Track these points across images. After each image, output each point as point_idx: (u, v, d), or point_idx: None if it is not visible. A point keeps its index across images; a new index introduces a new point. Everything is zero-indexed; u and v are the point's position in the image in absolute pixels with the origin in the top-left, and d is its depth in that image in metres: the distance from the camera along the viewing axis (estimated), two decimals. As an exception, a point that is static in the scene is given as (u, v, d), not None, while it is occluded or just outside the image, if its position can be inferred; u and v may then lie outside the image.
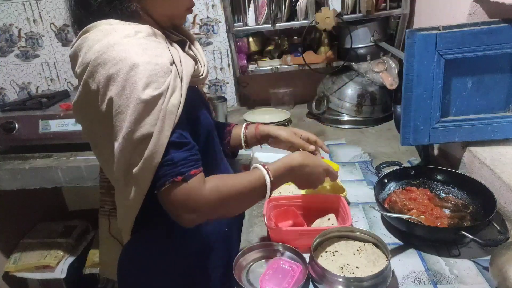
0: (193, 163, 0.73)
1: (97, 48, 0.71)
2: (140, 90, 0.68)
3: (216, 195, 0.74)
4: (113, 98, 0.69)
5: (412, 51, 1.06)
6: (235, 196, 0.78)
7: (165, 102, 0.70)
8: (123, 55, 0.69)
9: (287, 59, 1.79)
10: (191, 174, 0.71)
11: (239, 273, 0.84)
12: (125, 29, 0.74)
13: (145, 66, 0.69)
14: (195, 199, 0.72)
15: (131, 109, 0.68)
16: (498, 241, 0.80)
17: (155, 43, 0.75)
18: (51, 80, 2.11)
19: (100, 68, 0.70)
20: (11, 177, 1.54)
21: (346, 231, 0.88)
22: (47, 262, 1.87)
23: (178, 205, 0.72)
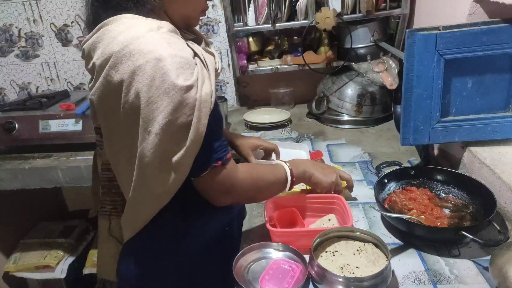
0: (225, 148, 0.79)
1: (121, 40, 0.71)
2: (173, 80, 0.69)
3: (249, 179, 0.85)
4: (141, 89, 0.69)
5: (412, 51, 1.06)
6: (263, 184, 0.89)
7: (198, 91, 0.72)
8: (150, 47, 0.69)
9: (287, 59, 1.79)
10: (227, 158, 0.78)
11: (239, 273, 0.84)
12: (148, 24, 0.74)
13: (172, 58, 0.70)
14: (232, 181, 0.80)
15: (166, 100, 0.69)
16: (498, 241, 0.80)
17: (176, 38, 0.76)
18: (51, 80, 2.11)
19: (125, 60, 0.69)
20: (11, 177, 1.54)
21: (346, 231, 0.88)
22: (47, 262, 1.87)
23: (217, 187, 0.79)
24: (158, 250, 0.89)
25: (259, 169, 0.90)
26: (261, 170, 0.90)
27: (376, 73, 1.63)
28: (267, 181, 0.90)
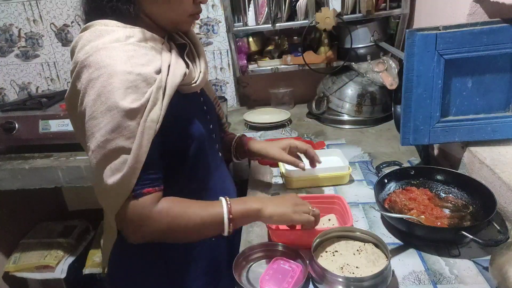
0: (148, 181, 0.73)
1: (87, 49, 0.72)
2: (118, 99, 0.68)
3: (165, 217, 0.74)
4: (87, 103, 0.70)
5: (412, 51, 1.06)
6: (185, 224, 0.76)
7: (143, 116, 0.71)
8: (107, 61, 0.70)
9: (287, 59, 1.79)
10: (143, 192, 0.72)
11: (239, 273, 0.84)
12: (117, 33, 0.74)
13: (125, 76, 0.70)
14: (142, 217, 0.72)
15: (107, 117, 0.69)
16: (498, 241, 0.80)
17: (145, 49, 0.75)
18: (51, 80, 2.11)
19: (85, 70, 0.71)
20: (11, 177, 1.54)
21: (346, 231, 0.88)
22: (47, 262, 1.86)
23: (126, 219, 0.73)
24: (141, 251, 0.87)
25: (184, 207, 0.77)
26: (187, 206, 0.78)
27: (376, 73, 1.63)
28: (192, 219, 0.76)
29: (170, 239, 0.80)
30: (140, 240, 0.75)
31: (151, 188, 0.73)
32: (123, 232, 0.76)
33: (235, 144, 1.12)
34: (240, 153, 1.13)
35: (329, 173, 1.16)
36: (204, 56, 0.92)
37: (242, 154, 1.13)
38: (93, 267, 1.88)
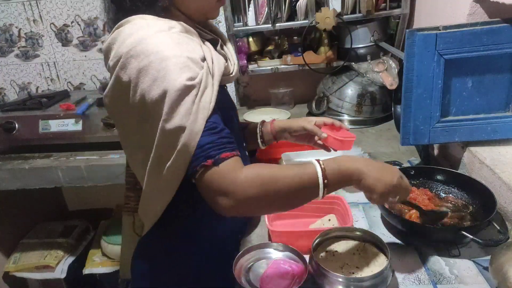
0: (222, 146, 0.70)
1: (130, 41, 0.71)
2: (173, 79, 0.68)
3: (255, 180, 0.68)
4: (145, 90, 0.69)
5: (412, 51, 1.06)
6: (278, 187, 0.69)
7: (198, 95, 0.70)
8: (155, 48, 0.70)
9: (287, 59, 1.79)
10: (221, 157, 0.68)
11: (239, 273, 0.84)
12: (159, 24, 0.74)
13: (177, 58, 0.69)
14: (228, 182, 0.68)
15: (165, 99, 0.68)
16: (498, 241, 0.80)
17: (188, 39, 0.75)
18: (51, 80, 2.11)
19: (132, 60, 0.70)
20: (11, 177, 1.54)
21: (346, 231, 0.88)
22: (47, 262, 1.87)
23: (212, 190, 0.69)
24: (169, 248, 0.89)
25: (274, 169, 0.72)
26: (277, 170, 0.71)
27: (376, 73, 1.63)
28: (285, 183, 0.70)
29: (261, 204, 0.72)
30: (233, 211, 0.70)
31: (228, 152, 0.70)
32: (211, 204, 0.70)
33: (260, 128, 1.11)
34: (266, 138, 1.11)
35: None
36: (233, 49, 0.93)
37: (268, 137, 1.11)
38: (93, 267, 1.88)
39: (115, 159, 1.52)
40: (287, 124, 1.08)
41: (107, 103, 0.80)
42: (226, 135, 0.72)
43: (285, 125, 1.08)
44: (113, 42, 0.75)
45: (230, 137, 0.73)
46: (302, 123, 1.05)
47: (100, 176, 1.51)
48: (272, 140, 1.12)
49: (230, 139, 0.73)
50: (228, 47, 0.92)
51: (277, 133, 1.09)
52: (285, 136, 1.10)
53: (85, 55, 2.04)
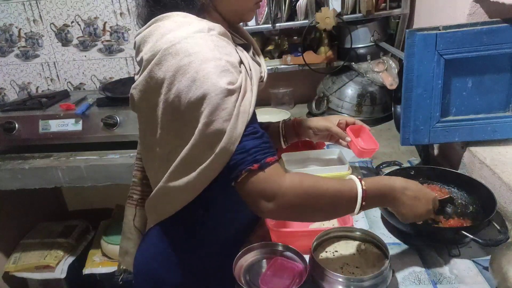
0: (266, 150, 0.71)
1: (170, 38, 0.71)
2: (213, 82, 0.67)
3: (298, 187, 0.70)
4: (182, 90, 0.69)
5: (412, 51, 1.06)
6: (318, 197, 0.72)
7: (238, 100, 0.70)
8: (196, 48, 0.69)
9: (287, 59, 1.79)
10: (267, 162, 0.69)
11: (239, 273, 0.84)
12: (199, 24, 0.74)
13: (217, 61, 0.69)
14: (274, 186, 0.69)
15: (204, 101, 0.68)
16: (498, 241, 0.80)
17: (225, 42, 0.75)
18: (51, 80, 2.11)
19: (170, 58, 0.70)
20: (11, 177, 1.54)
21: (346, 231, 0.88)
22: (47, 262, 1.87)
23: (256, 193, 0.70)
24: (176, 247, 0.89)
25: (316, 179, 0.73)
26: (320, 181, 0.73)
27: (376, 73, 1.63)
28: (324, 192, 0.72)
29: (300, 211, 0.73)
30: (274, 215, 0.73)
31: (272, 157, 0.71)
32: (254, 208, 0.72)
33: (283, 126, 1.11)
34: (288, 136, 1.11)
35: (329, 173, 1.16)
36: (263, 56, 0.92)
37: (290, 136, 1.11)
38: (93, 267, 1.88)
39: (115, 159, 1.52)
40: (312, 124, 1.08)
41: (135, 95, 0.78)
42: (267, 139, 0.73)
43: (309, 124, 1.09)
44: (149, 35, 0.75)
45: (270, 142, 0.73)
46: (327, 124, 1.07)
47: (100, 176, 1.51)
48: (295, 139, 1.12)
49: (271, 144, 0.73)
50: (258, 53, 0.92)
51: (300, 132, 1.10)
52: (308, 135, 1.10)
53: (85, 55, 2.04)
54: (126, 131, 1.53)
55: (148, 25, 0.77)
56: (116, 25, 1.97)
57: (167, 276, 0.91)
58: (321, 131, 1.08)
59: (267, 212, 0.71)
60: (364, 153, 1.07)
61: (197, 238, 0.89)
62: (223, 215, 0.90)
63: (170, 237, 0.90)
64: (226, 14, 0.82)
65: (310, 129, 1.09)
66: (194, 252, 0.90)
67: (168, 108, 0.73)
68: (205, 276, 0.92)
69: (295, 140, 1.13)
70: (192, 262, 0.90)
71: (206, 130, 0.69)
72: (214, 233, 0.90)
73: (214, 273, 0.93)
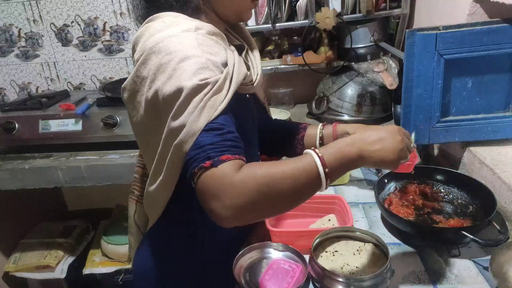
0: (225, 148, 0.65)
1: (156, 37, 0.72)
2: (187, 79, 0.67)
3: (251, 182, 0.62)
4: (159, 86, 0.69)
5: (412, 51, 1.06)
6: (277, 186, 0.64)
7: (208, 94, 0.68)
8: (178, 46, 0.69)
9: (287, 59, 1.78)
10: (220, 159, 0.63)
11: (239, 273, 0.84)
12: (188, 24, 0.74)
13: (196, 59, 0.69)
14: (225, 185, 0.62)
15: (176, 98, 0.68)
16: (498, 241, 0.80)
17: (213, 41, 0.75)
18: (51, 80, 2.11)
19: (153, 56, 0.70)
20: (11, 177, 1.54)
21: (346, 231, 0.88)
22: (47, 262, 1.86)
23: (207, 193, 0.63)
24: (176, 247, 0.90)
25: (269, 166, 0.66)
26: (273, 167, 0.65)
27: (376, 73, 1.62)
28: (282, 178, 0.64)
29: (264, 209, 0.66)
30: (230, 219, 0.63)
31: (230, 155, 0.64)
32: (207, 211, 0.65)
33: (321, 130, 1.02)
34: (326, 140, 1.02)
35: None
36: (259, 58, 0.91)
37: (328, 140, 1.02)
38: (93, 267, 1.88)
39: (115, 159, 1.52)
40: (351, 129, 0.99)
41: (124, 96, 0.79)
42: (232, 138, 0.68)
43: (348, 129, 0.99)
44: (140, 36, 0.76)
45: (236, 141, 0.68)
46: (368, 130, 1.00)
47: (100, 176, 1.51)
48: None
49: (235, 143, 0.68)
50: (254, 55, 0.91)
51: (338, 137, 1.01)
52: None
53: (85, 55, 2.04)
54: (126, 131, 1.53)
55: (141, 26, 0.78)
56: (116, 25, 1.97)
57: (167, 276, 0.91)
58: None
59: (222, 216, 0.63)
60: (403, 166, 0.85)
61: (197, 238, 0.89)
62: None
63: (170, 238, 0.90)
64: (223, 14, 0.82)
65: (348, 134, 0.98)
66: (193, 252, 0.90)
67: (149, 106, 0.73)
68: (205, 276, 0.92)
69: None
70: (192, 262, 0.90)
71: (170, 124, 0.68)
72: (214, 233, 0.90)
73: (214, 273, 0.93)
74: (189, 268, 0.91)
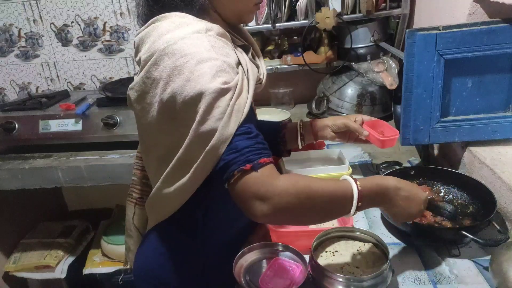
0: (260, 151, 0.69)
1: (167, 38, 0.71)
2: (208, 82, 0.67)
3: (292, 188, 0.67)
4: (177, 90, 0.69)
5: (412, 51, 1.06)
6: (314, 198, 0.69)
7: (233, 99, 0.69)
8: (193, 49, 0.69)
9: (287, 59, 1.79)
10: (260, 162, 0.67)
11: (239, 273, 0.84)
12: (197, 25, 0.74)
13: (212, 62, 0.69)
14: (268, 187, 0.66)
15: (199, 101, 0.67)
16: (498, 241, 0.80)
17: (223, 43, 0.75)
18: (51, 80, 2.11)
19: (167, 58, 0.70)
20: (11, 177, 1.54)
21: (346, 231, 0.88)
22: (47, 262, 1.86)
23: (249, 194, 0.67)
24: (177, 248, 0.89)
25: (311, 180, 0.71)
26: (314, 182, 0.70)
27: (376, 73, 1.63)
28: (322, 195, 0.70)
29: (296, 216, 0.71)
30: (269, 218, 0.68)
31: (266, 158, 0.68)
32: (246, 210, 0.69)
33: (301, 125, 1.10)
34: (306, 135, 1.10)
35: (329, 173, 1.16)
36: (262, 57, 0.91)
37: (308, 135, 1.10)
38: (93, 267, 1.88)
39: (115, 159, 1.52)
40: (330, 122, 1.07)
41: (132, 96, 0.79)
42: (261, 140, 0.71)
43: (327, 122, 1.08)
44: (147, 35, 0.75)
45: (265, 143, 0.71)
46: (344, 120, 1.06)
47: (100, 176, 1.51)
48: (312, 139, 1.11)
49: (265, 145, 0.71)
50: (258, 55, 0.92)
51: (318, 131, 1.09)
52: (325, 134, 1.09)
53: (85, 55, 2.04)
54: (126, 131, 1.53)
55: (147, 25, 0.77)
56: (116, 25, 1.97)
57: (167, 277, 0.91)
58: (340, 128, 1.06)
59: (261, 215, 0.67)
60: (386, 141, 1.03)
61: (197, 239, 0.89)
62: (223, 217, 0.90)
63: (171, 239, 0.90)
64: (226, 15, 0.82)
65: (328, 127, 1.07)
66: (194, 253, 0.90)
67: (164, 108, 0.72)
68: (205, 276, 0.92)
69: (312, 140, 1.11)
70: (192, 263, 0.90)
71: (199, 129, 0.68)
72: (214, 234, 0.90)
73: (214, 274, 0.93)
74: (190, 269, 0.91)
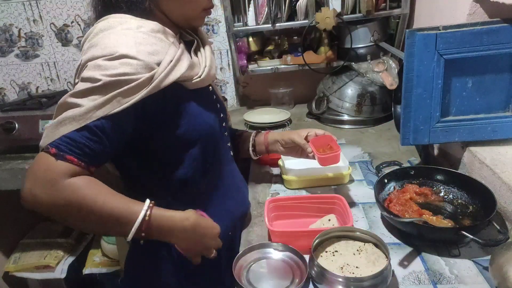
0: (79, 151, 0.68)
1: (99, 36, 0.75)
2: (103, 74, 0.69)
3: (68, 194, 0.66)
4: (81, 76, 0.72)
5: (412, 51, 1.06)
6: (88, 210, 0.67)
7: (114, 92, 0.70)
8: (113, 43, 0.72)
9: (287, 59, 1.79)
10: (66, 157, 0.66)
11: (239, 273, 0.84)
12: (130, 22, 0.76)
13: (125, 60, 0.71)
14: (48, 180, 0.65)
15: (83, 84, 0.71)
16: (498, 241, 0.80)
17: (154, 39, 0.76)
18: (51, 80, 2.11)
19: (91, 49, 0.73)
20: (11, 177, 1.54)
21: (346, 231, 0.88)
22: (47, 262, 1.87)
23: (32, 171, 0.67)
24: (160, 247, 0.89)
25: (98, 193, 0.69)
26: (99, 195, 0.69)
27: (376, 73, 1.63)
28: (98, 210, 0.67)
29: (63, 217, 0.69)
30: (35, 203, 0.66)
31: (75, 159, 0.67)
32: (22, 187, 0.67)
33: (254, 138, 1.11)
34: (258, 148, 1.11)
35: (329, 173, 1.16)
36: (210, 53, 0.92)
37: (260, 148, 1.11)
38: (93, 267, 1.88)
39: (115, 159, 1.52)
40: (279, 136, 1.09)
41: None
42: (97, 147, 0.70)
43: (277, 137, 1.09)
44: (86, 36, 0.79)
45: (97, 153, 0.70)
46: (292, 135, 1.06)
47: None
48: (264, 152, 1.12)
49: (94, 152, 0.70)
50: (205, 49, 0.91)
51: (269, 144, 1.10)
52: (276, 148, 1.10)
53: (85, 55, 2.04)
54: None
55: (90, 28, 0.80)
56: (116, 25, 1.97)
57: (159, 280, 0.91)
58: (287, 143, 1.08)
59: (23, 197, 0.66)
60: (325, 159, 1.01)
61: None
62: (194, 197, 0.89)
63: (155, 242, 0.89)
64: (173, 18, 0.83)
65: (277, 142, 1.09)
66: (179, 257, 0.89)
67: None
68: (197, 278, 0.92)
69: (265, 153, 1.13)
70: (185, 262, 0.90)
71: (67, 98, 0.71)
72: None
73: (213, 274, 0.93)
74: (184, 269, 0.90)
